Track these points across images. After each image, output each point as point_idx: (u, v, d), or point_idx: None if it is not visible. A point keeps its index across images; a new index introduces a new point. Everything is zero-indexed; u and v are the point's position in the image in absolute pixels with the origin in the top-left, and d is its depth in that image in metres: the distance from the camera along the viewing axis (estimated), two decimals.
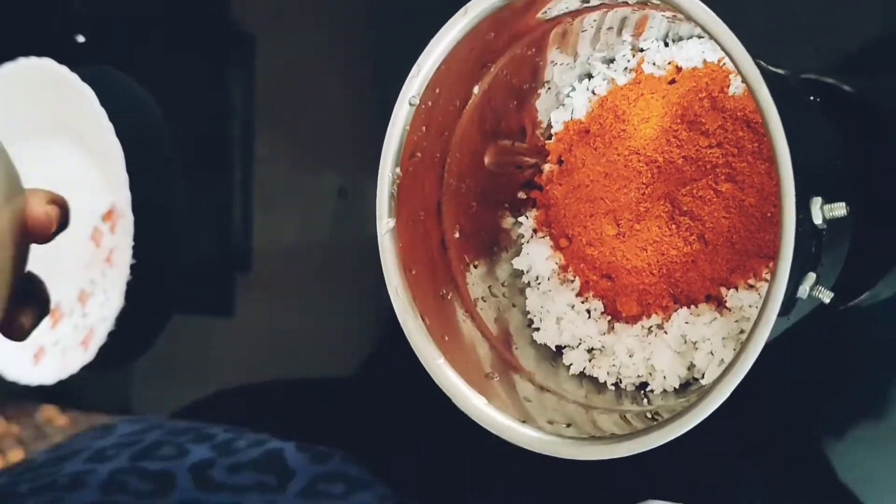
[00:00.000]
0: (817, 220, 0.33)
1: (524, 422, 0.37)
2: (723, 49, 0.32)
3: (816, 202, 0.33)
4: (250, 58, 0.62)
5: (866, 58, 0.48)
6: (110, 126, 0.55)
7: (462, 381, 0.38)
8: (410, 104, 0.38)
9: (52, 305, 0.61)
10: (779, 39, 0.49)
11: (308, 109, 0.61)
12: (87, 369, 0.60)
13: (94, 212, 0.61)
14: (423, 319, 0.38)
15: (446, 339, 0.39)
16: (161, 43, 0.63)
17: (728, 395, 0.33)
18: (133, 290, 0.57)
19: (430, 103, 0.38)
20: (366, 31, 0.60)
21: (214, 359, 0.65)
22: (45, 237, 0.36)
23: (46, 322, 0.48)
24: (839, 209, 0.33)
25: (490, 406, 0.38)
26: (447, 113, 0.39)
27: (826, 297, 0.34)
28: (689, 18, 0.33)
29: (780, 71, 0.40)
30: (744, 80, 0.32)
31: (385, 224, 0.39)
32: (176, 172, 0.61)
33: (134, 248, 0.56)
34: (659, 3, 0.34)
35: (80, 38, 0.64)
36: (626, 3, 0.38)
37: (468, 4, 0.37)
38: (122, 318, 0.57)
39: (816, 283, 0.34)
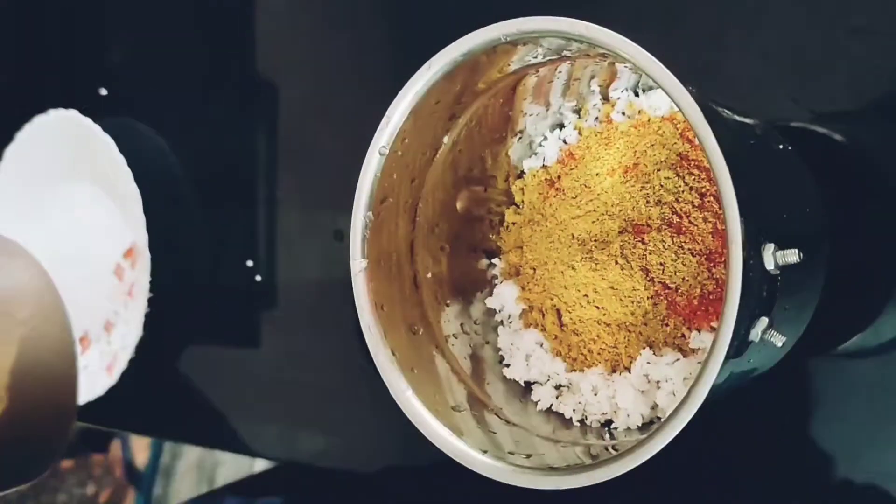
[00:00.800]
0: (769, 265, 0.32)
1: (485, 451, 0.37)
2: (666, 93, 0.32)
3: (769, 248, 0.32)
4: (272, 105, 0.66)
5: (847, 106, 0.50)
6: (129, 172, 0.57)
7: (427, 412, 0.40)
8: (380, 153, 0.38)
9: (82, 333, 0.66)
10: (761, 89, 0.51)
11: (317, 154, 0.65)
12: (111, 392, 0.64)
13: (116, 249, 0.64)
14: (393, 353, 0.39)
15: (415, 371, 0.40)
16: (183, 94, 0.67)
17: (677, 432, 0.32)
18: (151, 322, 0.60)
19: (399, 153, 0.38)
20: (375, 81, 0.63)
21: (237, 389, 0.69)
22: None
23: (78, 348, 0.54)
24: (791, 255, 0.33)
25: (453, 436, 0.39)
26: (417, 161, 0.40)
27: (778, 340, 0.33)
28: (635, 67, 0.34)
29: (746, 120, 0.41)
30: (689, 123, 0.32)
31: (358, 264, 0.39)
32: (193, 213, 0.65)
33: (151, 282, 0.58)
34: (611, 54, 0.36)
35: (103, 91, 0.68)
36: (588, 54, 0.39)
37: (432, 59, 0.37)
38: (142, 347, 0.60)
39: (769, 327, 0.33)
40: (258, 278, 0.63)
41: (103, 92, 0.67)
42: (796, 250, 0.33)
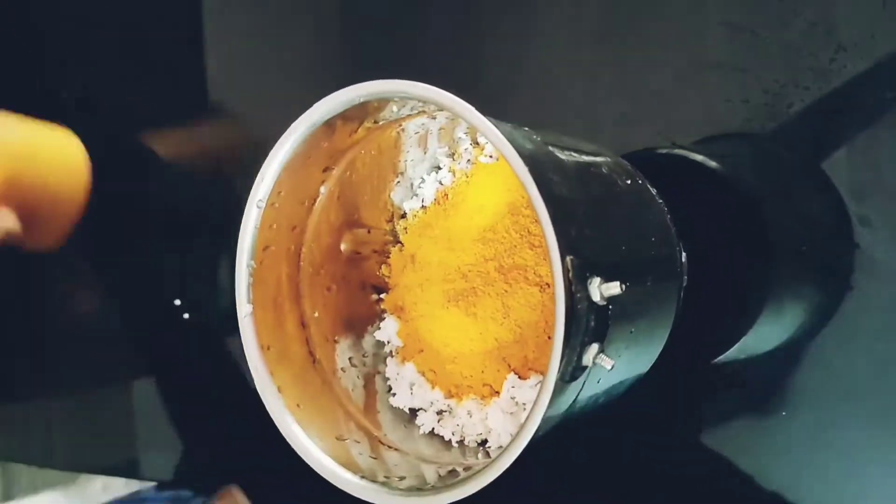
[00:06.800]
0: (595, 297, 0.36)
1: (364, 477, 0.42)
2: (489, 140, 0.36)
3: (595, 281, 0.36)
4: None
5: (704, 135, 0.53)
6: None
7: (311, 443, 0.44)
8: (258, 206, 0.42)
9: None
10: (628, 125, 0.54)
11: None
12: None
13: None
14: (279, 391, 0.44)
15: (300, 406, 0.44)
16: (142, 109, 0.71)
17: (521, 448, 0.37)
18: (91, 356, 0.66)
19: (276, 204, 0.42)
20: None
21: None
22: None
23: None
24: (614, 288, 0.36)
25: (336, 464, 0.43)
26: (296, 210, 0.44)
27: (607, 364, 0.37)
28: (469, 123, 0.38)
29: (595, 159, 0.43)
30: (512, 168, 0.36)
31: (244, 309, 0.44)
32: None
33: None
34: (438, 106, 0.39)
35: None
36: (425, 111, 0.43)
37: (294, 123, 0.41)
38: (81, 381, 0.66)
39: (599, 352, 0.36)
40: (186, 316, 0.66)
41: None
42: (618, 283, 0.36)
